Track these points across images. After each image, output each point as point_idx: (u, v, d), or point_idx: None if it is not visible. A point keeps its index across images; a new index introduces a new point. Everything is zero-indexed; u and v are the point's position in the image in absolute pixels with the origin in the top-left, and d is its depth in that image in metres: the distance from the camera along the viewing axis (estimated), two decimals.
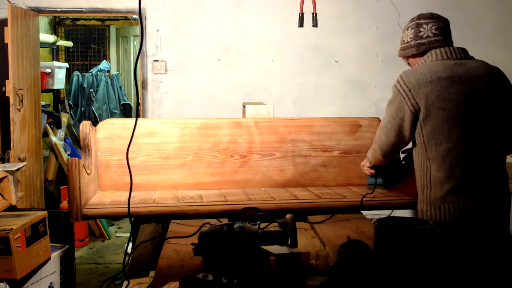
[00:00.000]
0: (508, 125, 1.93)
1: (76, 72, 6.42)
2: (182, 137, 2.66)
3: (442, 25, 1.99)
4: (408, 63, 2.08)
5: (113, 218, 5.23)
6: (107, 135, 2.59)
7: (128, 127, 2.58)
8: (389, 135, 2.01)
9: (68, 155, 5.30)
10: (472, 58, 1.98)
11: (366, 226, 2.18)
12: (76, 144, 5.68)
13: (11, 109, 3.84)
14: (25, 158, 3.97)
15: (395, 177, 2.47)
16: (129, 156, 1.93)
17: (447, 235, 1.86)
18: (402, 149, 2.20)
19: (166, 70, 4.33)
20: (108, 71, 6.63)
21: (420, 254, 1.72)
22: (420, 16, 2.01)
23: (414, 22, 2.01)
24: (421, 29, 1.97)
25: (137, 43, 7.03)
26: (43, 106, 4.96)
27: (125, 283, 2.00)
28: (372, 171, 2.34)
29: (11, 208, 2.67)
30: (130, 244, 2.75)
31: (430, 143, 1.87)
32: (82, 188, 2.22)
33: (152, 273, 1.97)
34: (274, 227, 2.07)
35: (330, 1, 4.34)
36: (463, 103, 1.84)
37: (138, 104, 4.35)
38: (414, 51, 1.99)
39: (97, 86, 6.27)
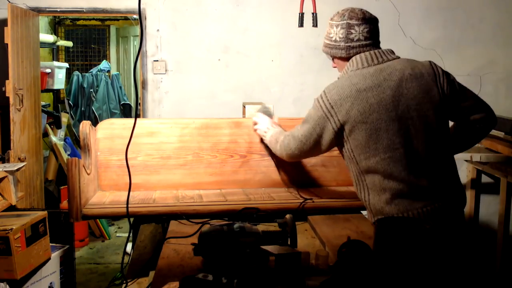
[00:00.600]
0: (448, 122, 1.84)
1: (76, 72, 6.42)
2: (182, 137, 2.65)
3: (373, 27, 1.91)
4: (332, 60, 2.01)
5: (113, 218, 5.23)
6: (107, 135, 2.59)
7: (128, 127, 2.57)
8: (303, 148, 1.97)
9: (68, 155, 5.30)
10: (397, 57, 1.87)
11: (366, 226, 2.17)
12: (76, 144, 5.68)
13: (11, 109, 3.84)
14: (25, 158, 3.97)
15: None
16: (129, 156, 1.93)
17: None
18: None
19: (166, 70, 4.33)
20: (108, 71, 6.64)
21: (420, 254, 1.72)
22: (351, 16, 1.89)
23: (345, 22, 1.89)
24: (353, 31, 1.88)
25: (137, 43, 7.03)
26: (43, 106, 4.97)
27: (125, 283, 2.01)
28: None
29: (11, 208, 2.67)
30: (130, 244, 2.75)
31: (360, 157, 1.79)
32: (82, 188, 2.22)
33: (152, 273, 1.97)
34: (274, 227, 2.08)
35: (330, 1, 4.33)
36: (385, 113, 1.75)
37: (137, 104, 4.34)
38: (343, 53, 1.91)
39: (97, 86, 6.27)
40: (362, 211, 2.42)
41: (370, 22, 1.90)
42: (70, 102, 6.18)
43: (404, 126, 1.76)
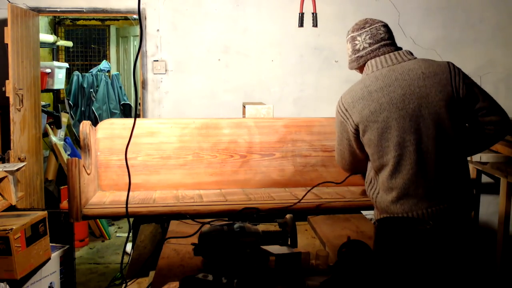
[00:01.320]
0: (462, 123, 1.85)
1: (76, 72, 6.42)
2: (182, 137, 2.66)
3: (375, 31, 1.91)
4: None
5: (113, 218, 5.23)
6: (107, 135, 2.59)
7: (128, 127, 2.57)
8: (345, 155, 2.04)
9: (68, 155, 5.30)
10: (414, 59, 1.88)
11: (366, 226, 2.17)
12: (76, 144, 5.68)
13: (11, 109, 3.84)
14: (25, 158, 3.97)
15: None
16: (129, 156, 1.94)
17: None
18: None
19: (166, 70, 4.33)
20: (108, 71, 6.63)
21: (420, 254, 1.72)
22: (354, 28, 1.96)
23: (349, 36, 1.98)
24: (356, 42, 1.95)
25: (137, 43, 7.03)
26: (43, 106, 4.97)
27: (125, 283, 2.00)
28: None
29: (11, 208, 2.67)
30: (130, 244, 2.75)
31: (373, 157, 1.86)
32: (82, 188, 2.22)
33: (152, 273, 1.97)
34: (274, 227, 2.08)
35: (330, 1, 4.34)
36: (396, 111, 1.78)
37: (137, 104, 4.34)
38: (355, 65, 1.99)
39: (97, 86, 6.27)
40: (362, 211, 2.42)
41: (370, 28, 1.92)
42: (70, 102, 6.18)
43: (415, 124, 1.78)
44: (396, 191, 1.79)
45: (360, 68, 1.99)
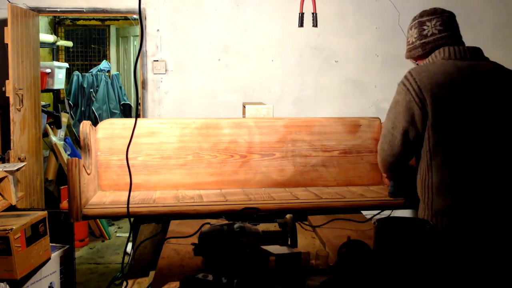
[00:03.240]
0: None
1: (76, 72, 6.42)
2: (182, 137, 2.66)
3: (447, 19, 1.84)
4: (416, 64, 1.94)
5: (113, 218, 5.23)
6: (107, 135, 2.59)
7: (128, 127, 2.58)
8: (394, 143, 1.81)
9: (68, 155, 5.30)
10: (487, 59, 1.84)
11: (366, 226, 2.17)
12: (76, 144, 5.68)
13: (11, 109, 3.84)
14: (25, 158, 3.97)
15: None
16: (129, 156, 1.93)
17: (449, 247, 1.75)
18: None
19: (166, 70, 4.33)
20: (108, 71, 6.63)
21: (420, 254, 1.72)
22: (422, 14, 1.86)
23: (416, 21, 1.87)
24: (425, 27, 1.84)
25: (137, 43, 7.03)
26: (43, 106, 4.96)
27: (125, 283, 2.01)
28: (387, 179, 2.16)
29: (11, 208, 2.67)
30: (130, 244, 2.75)
31: (436, 152, 1.73)
32: (82, 188, 2.22)
33: (152, 273, 1.97)
34: (274, 227, 2.08)
35: (330, 1, 4.34)
36: (478, 113, 1.70)
37: (138, 104, 4.34)
38: (420, 51, 1.86)
39: (97, 86, 6.27)
40: (362, 211, 2.42)
41: (442, 15, 1.85)
42: (70, 102, 6.18)
43: (489, 130, 1.72)
44: (459, 195, 1.73)
45: (420, 58, 1.88)
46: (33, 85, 4.22)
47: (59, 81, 5.51)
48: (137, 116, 2.03)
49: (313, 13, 2.88)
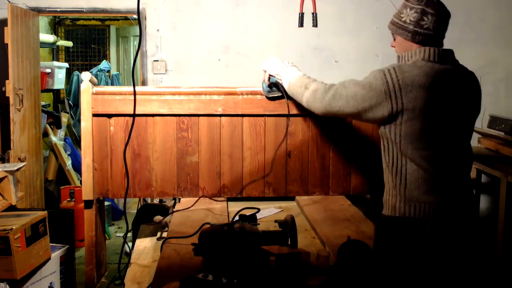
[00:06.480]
0: (472, 129, 1.94)
1: (76, 72, 6.42)
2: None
3: (444, 20, 1.90)
4: (394, 39, 1.95)
5: (113, 218, 5.23)
6: None
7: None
8: (344, 109, 1.87)
9: (68, 155, 5.31)
10: (457, 62, 1.92)
11: (366, 226, 2.18)
12: (76, 144, 5.68)
13: (11, 109, 3.84)
14: (25, 158, 3.97)
15: None
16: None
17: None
18: None
19: (166, 70, 4.33)
20: (108, 71, 6.64)
21: (420, 254, 1.72)
22: (428, 3, 1.86)
23: (421, 7, 1.85)
24: (425, 18, 1.85)
25: (137, 43, 7.03)
26: (43, 106, 4.97)
27: (125, 283, 2.01)
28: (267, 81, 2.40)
29: (11, 208, 2.67)
30: (130, 244, 2.75)
31: (407, 145, 1.79)
32: None
33: (152, 273, 1.97)
34: (274, 227, 2.08)
35: (330, 1, 4.34)
36: (447, 113, 1.80)
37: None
38: (409, 37, 1.87)
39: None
40: (361, 211, 2.42)
41: (443, 15, 1.89)
42: (70, 102, 6.18)
43: (456, 127, 1.83)
44: (432, 183, 1.83)
45: (404, 41, 1.89)
46: (33, 85, 4.22)
47: (59, 81, 5.51)
48: (135, 116, 2.03)
49: (313, 13, 2.88)
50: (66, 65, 5.91)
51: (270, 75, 2.36)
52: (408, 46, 1.89)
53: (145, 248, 2.33)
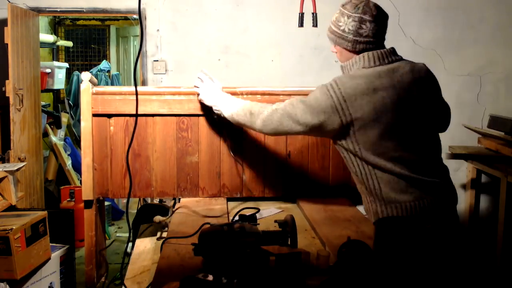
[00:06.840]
0: (437, 122, 1.91)
1: (76, 72, 6.43)
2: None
3: (383, 24, 1.87)
4: (334, 47, 1.95)
5: (113, 218, 5.23)
6: None
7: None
8: (296, 129, 1.88)
9: (68, 155, 5.31)
10: (401, 58, 1.88)
11: (366, 226, 2.17)
12: (76, 144, 5.68)
13: (11, 109, 3.84)
14: (25, 158, 3.97)
15: None
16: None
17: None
18: None
19: (166, 70, 4.33)
20: (108, 71, 6.64)
21: (420, 254, 1.72)
22: (366, 10, 1.83)
23: (358, 15, 1.83)
24: (363, 26, 1.83)
25: (137, 43, 7.03)
26: (43, 106, 4.97)
27: (125, 283, 2.01)
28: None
29: (11, 208, 2.67)
30: (130, 244, 2.75)
31: (367, 153, 1.78)
32: None
33: (152, 273, 1.97)
34: (274, 227, 2.08)
35: (330, 1, 4.31)
36: (399, 112, 1.77)
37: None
38: (349, 46, 1.86)
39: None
40: (362, 210, 2.42)
41: (381, 20, 1.86)
42: (70, 102, 6.18)
43: (414, 127, 1.79)
44: (403, 183, 1.79)
45: (346, 50, 1.89)
46: (33, 85, 4.22)
47: (59, 81, 5.51)
48: (137, 116, 2.03)
49: (313, 13, 2.88)
50: (66, 65, 5.91)
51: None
52: (349, 55, 1.89)
53: (145, 248, 2.33)
